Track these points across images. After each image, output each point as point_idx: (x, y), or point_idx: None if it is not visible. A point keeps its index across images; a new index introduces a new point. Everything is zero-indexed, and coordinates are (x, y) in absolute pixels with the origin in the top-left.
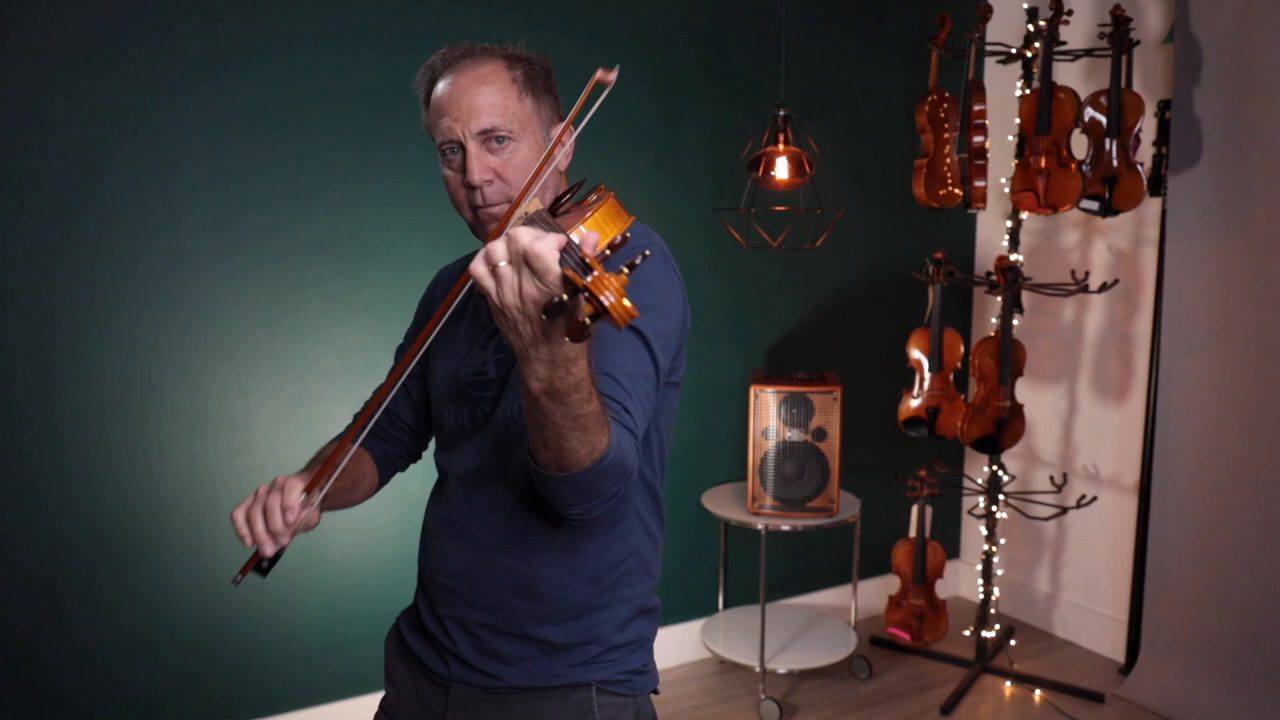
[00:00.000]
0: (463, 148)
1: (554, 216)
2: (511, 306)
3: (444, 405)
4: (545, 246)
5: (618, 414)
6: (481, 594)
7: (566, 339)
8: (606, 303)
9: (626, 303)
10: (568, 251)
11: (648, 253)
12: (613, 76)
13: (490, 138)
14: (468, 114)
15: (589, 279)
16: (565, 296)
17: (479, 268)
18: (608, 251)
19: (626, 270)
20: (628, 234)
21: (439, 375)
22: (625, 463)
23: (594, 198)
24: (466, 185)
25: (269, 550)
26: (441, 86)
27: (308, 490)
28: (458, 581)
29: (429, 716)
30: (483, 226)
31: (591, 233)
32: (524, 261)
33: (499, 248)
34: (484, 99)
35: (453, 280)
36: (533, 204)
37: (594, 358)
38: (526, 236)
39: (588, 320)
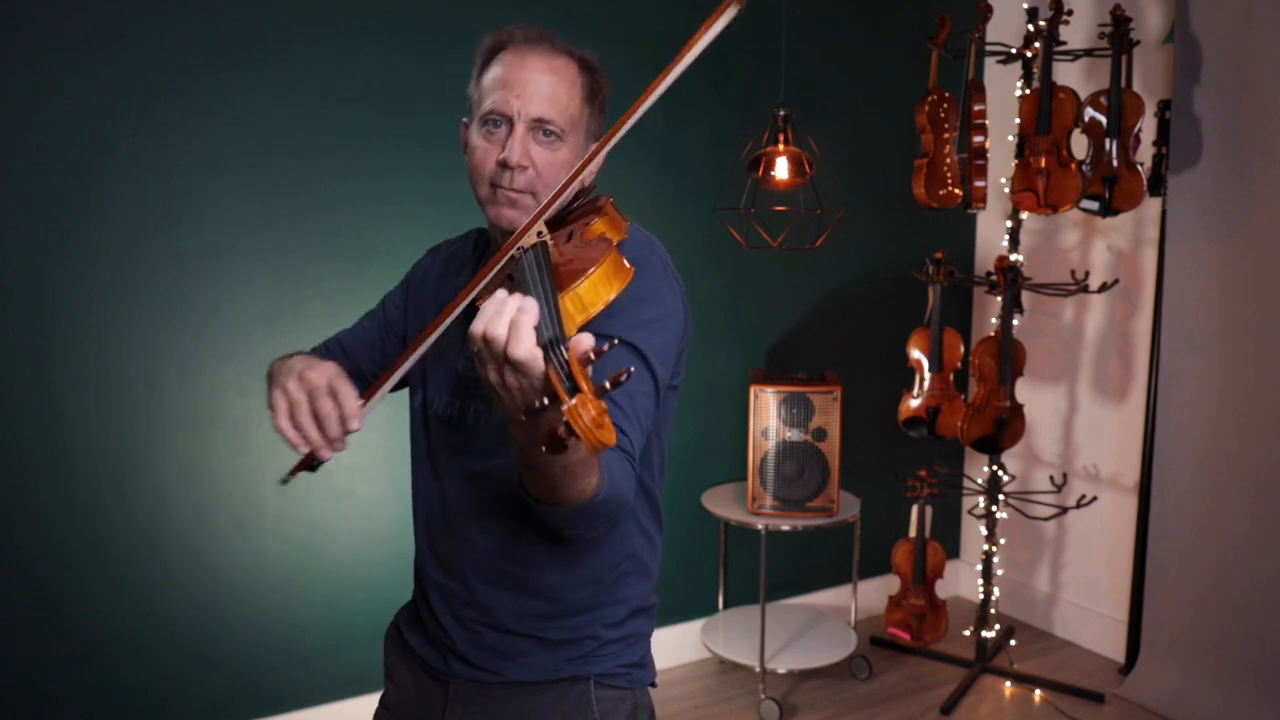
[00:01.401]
0: (510, 125)
1: (559, 226)
2: (495, 386)
3: (433, 390)
4: (526, 350)
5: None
6: (479, 593)
7: (544, 449)
8: (579, 430)
9: (602, 433)
10: (553, 350)
11: (632, 369)
12: None
13: (540, 128)
14: (530, 96)
15: (568, 405)
16: (546, 401)
17: (478, 335)
18: (592, 355)
19: (609, 386)
20: (616, 340)
21: (432, 357)
22: (619, 495)
23: (598, 227)
24: (501, 162)
25: (328, 456)
26: (509, 59)
27: (365, 399)
28: (455, 580)
29: (429, 712)
30: (496, 205)
31: (584, 338)
32: (509, 365)
33: (478, 334)
34: (550, 89)
35: (448, 264)
36: (533, 235)
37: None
38: (503, 331)
39: (563, 437)
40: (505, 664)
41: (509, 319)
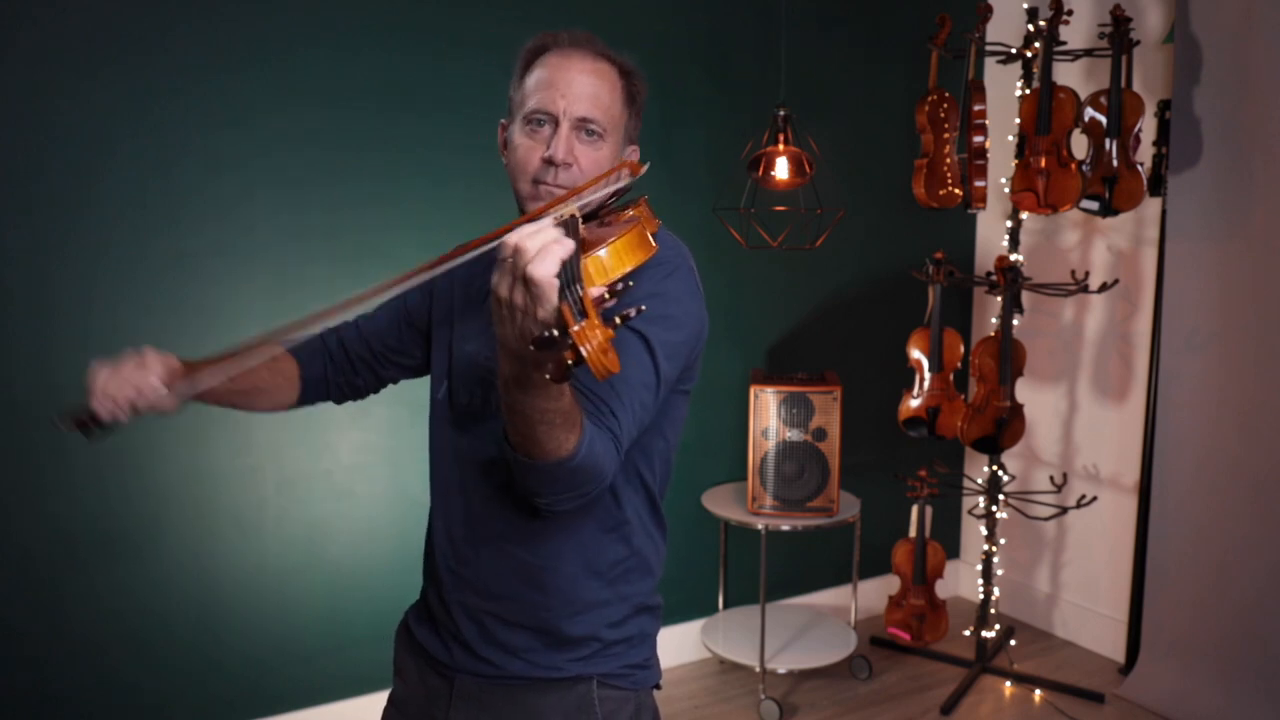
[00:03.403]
0: (555, 123)
1: (592, 219)
2: (503, 302)
3: (457, 380)
4: (547, 272)
5: (604, 416)
6: (489, 583)
7: (548, 376)
8: (584, 353)
9: (607, 359)
10: (569, 287)
11: (643, 307)
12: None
13: (584, 127)
14: (576, 96)
15: (577, 326)
16: (556, 332)
17: (511, 244)
18: (607, 295)
19: (619, 321)
20: (631, 281)
21: (458, 349)
22: (596, 466)
23: (630, 213)
24: (545, 159)
25: (100, 413)
26: (554, 61)
27: (189, 374)
28: (467, 569)
29: (434, 708)
30: (538, 201)
31: (596, 289)
32: (524, 283)
33: (511, 243)
34: (594, 89)
35: (480, 258)
36: (569, 209)
37: None
38: (534, 247)
39: (570, 363)
40: (508, 659)
41: (544, 241)
